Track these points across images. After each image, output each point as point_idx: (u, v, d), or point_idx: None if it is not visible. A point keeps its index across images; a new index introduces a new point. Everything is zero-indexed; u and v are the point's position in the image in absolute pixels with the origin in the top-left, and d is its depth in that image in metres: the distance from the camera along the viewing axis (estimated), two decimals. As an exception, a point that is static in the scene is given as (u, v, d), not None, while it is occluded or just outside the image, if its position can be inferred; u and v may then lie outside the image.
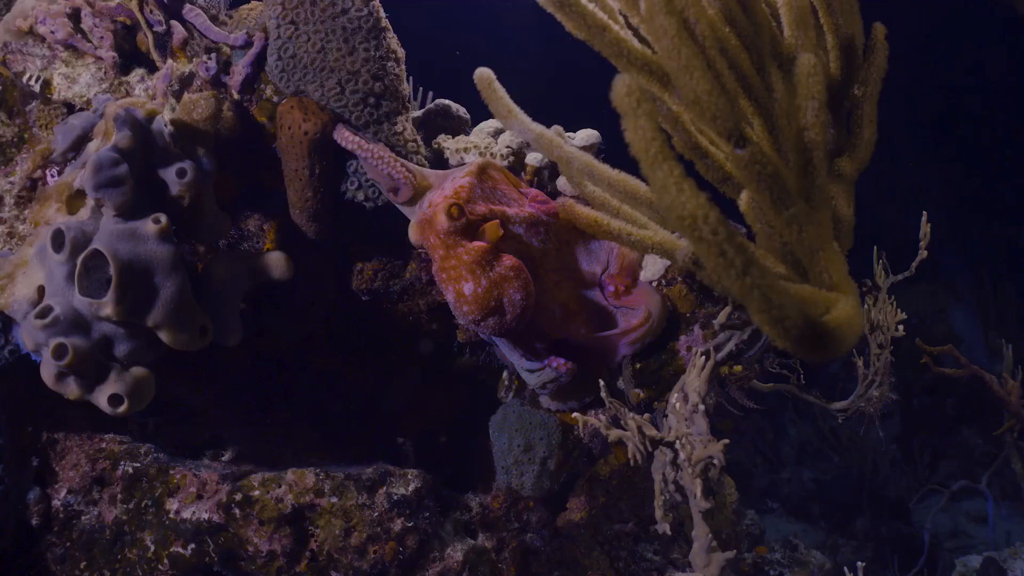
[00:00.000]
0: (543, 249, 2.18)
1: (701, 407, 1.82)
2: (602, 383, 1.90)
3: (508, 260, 1.99)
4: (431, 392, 2.95)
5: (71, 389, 1.94)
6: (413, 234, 2.01)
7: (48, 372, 1.93)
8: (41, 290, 1.99)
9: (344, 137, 2.17)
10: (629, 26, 1.89)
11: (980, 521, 4.42)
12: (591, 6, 1.52)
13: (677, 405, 2.05)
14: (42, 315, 1.90)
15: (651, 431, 1.91)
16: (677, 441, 1.87)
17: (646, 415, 1.96)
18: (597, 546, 2.77)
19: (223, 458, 2.57)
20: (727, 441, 1.75)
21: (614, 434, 1.85)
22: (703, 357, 2.04)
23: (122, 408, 1.95)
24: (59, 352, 1.88)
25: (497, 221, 2.01)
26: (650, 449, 1.91)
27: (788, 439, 5.33)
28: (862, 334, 2.44)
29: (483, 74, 1.86)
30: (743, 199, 1.72)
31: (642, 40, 1.78)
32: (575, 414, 1.92)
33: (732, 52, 1.70)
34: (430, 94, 3.18)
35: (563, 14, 1.53)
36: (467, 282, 1.92)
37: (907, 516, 4.40)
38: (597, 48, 1.56)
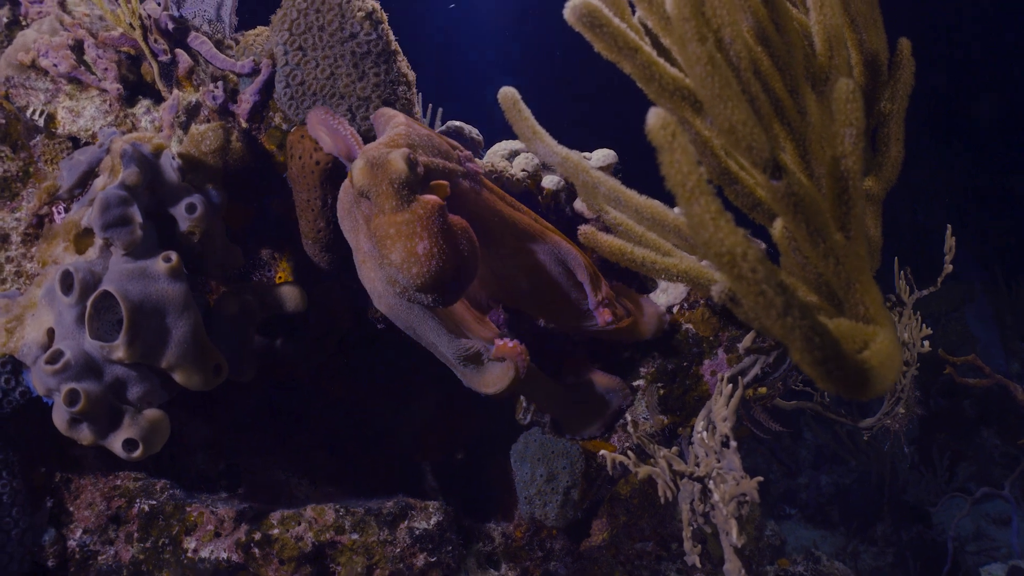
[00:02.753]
0: (492, 210, 2.03)
1: (733, 443, 1.77)
2: (629, 416, 1.85)
3: (460, 221, 1.81)
4: (448, 415, 2.91)
5: (84, 435, 1.89)
6: (362, 176, 1.74)
7: (60, 418, 1.88)
8: (51, 332, 1.94)
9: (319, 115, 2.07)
10: (655, 43, 1.84)
11: (1002, 523, 4.36)
12: (623, 27, 1.45)
13: (704, 435, 2.00)
14: (52, 360, 1.85)
15: (680, 466, 1.86)
16: (707, 477, 1.83)
17: (674, 448, 1.92)
18: (619, 566, 2.73)
19: (239, 490, 2.53)
20: (761, 479, 1.71)
21: (644, 471, 1.80)
22: (729, 384, 1.99)
23: (137, 453, 1.91)
24: (71, 398, 1.83)
25: (446, 183, 1.84)
26: (679, 485, 1.86)
27: (805, 444, 5.28)
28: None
29: (508, 94, 1.78)
30: (776, 227, 1.66)
31: (671, 59, 1.74)
32: (602, 452, 1.87)
33: (765, 74, 1.65)
34: (440, 110, 3.12)
35: (593, 35, 1.46)
36: (422, 241, 1.69)
37: (927, 520, 4.35)
38: (627, 71, 1.50)
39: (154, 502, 2.26)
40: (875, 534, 4.31)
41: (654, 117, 1.09)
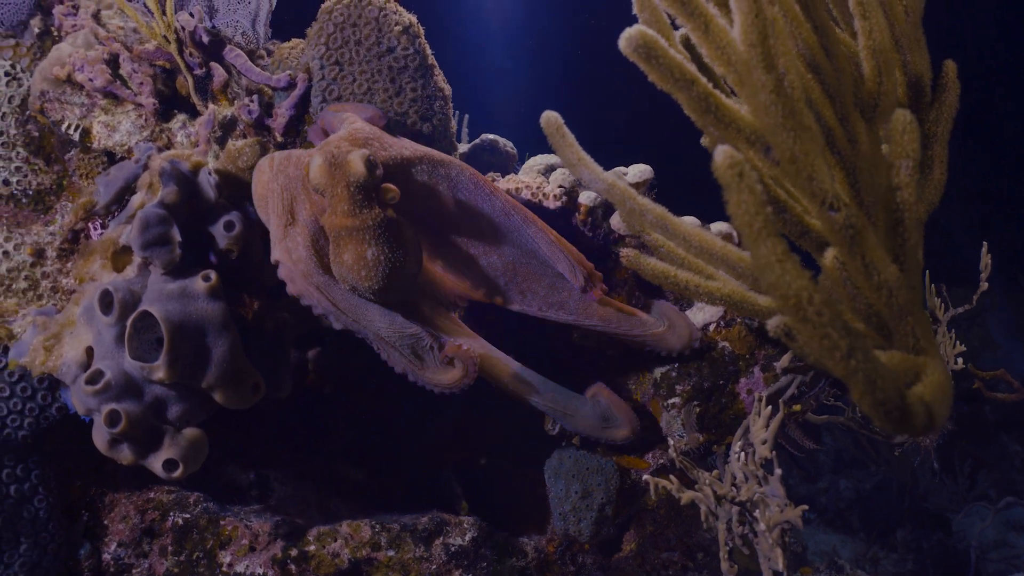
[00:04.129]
0: (456, 201, 2.06)
1: (778, 471, 1.77)
2: (671, 442, 1.85)
3: (408, 231, 1.88)
4: (471, 422, 2.91)
5: (124, 455, 1.89)
6: (320, 174, 1.77)
7: (101, 438, 1.88)
8: (90, 351, 1.93)
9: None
10: (701, 66, 1.82)
11: (1023, 530, 4.36)
12: (679, 58, 1.43)
13: (742, 456, 2.00)
14: (93, 380, 1.85)
15: (722, 490, 1.86)
16: (749, 502, 1.82)
17: (715, 472, 1.91)
18: (644, 575, 2.73)
19: (270, 500, 2.53)
20: (805, 507, 1.70)
21: (687, 497, 1.80)
22: (769, 407, 1.98)
23: (177, 472, 1.91)
24: (112, 419, 1.83)
25: (395, 189, 1.86)
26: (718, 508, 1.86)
27: (825, 448, 5.26)
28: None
29: (551, 118, 1.75)
30: (827, 257, 1.65)
31: (714, 81, 1.72)
32: (646, 477, 1.87)
33: (816, 102, 1.63)
34: (466, 117, 3.10)
35: (648, 66, 1.44)
36: (371, 247, 1.79)
37: (948, 527, 4.34)
38: (681, 102, 1.48)
39: (188, 515, 2.26)
40: (895, 540, 4.31)
41: (721, 155, 1.07)
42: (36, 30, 2.31)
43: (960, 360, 2.42)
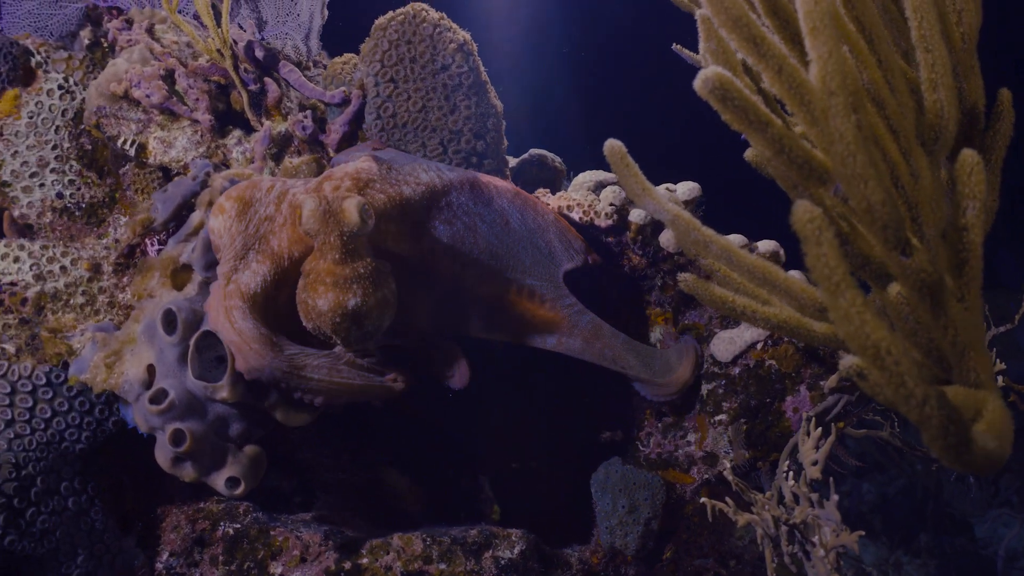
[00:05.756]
0: (452, 233, 2.04)
1: (835, 497, 1.79)
2: (727, 464, 1.87)
3: (392, 282, 1.85)
4: (509, 428, 2.94)
5: (187, 472, 1.92)
6: (312, 219, 1.72)
7: (164, 457, 1.91)
8: (151, 369, 1.96)
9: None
10: (758, 87, 1.83)
11: (1050, 539, 4.39)
12: (754, 99, 1.44)
13: (789, 475, 2.02)
14: (157, 400, 1.88)
15: (776, 512, 1.89)
16: (802, 524, 1.85)
17: (768, 494, 1.94)
18: (678, 583, 2.77)
19: (314, 508, 2.56)
20: (862, 532, 1.73)
21: (743, 519, 1.83)
22: (819, 428, 2.01)
23: (239, 490, 1.94)
24: (177, 438, 1.86)
25: (390, 233, 1.87)
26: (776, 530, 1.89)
27: (848, 451, 5.28)
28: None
29: (615, 148, 1.75)
30: (891, 291, 1.67)
31: (766, 99, 1.73)
32: (703, 499, 1.89)
33: (882, 139, 1.65)
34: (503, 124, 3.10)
35: (723, 107, 1.45)
36: (354, 297, 1.75)
37: (970, 533, 4.37)
38: (752, 141, 1.49)
39: (238, 525, 2.28)
40: (918, 545, 4.34)
41: (801, 210, 1.09)
42: (86, 41, 2.32)
43: (1002, 378, 2.45)
